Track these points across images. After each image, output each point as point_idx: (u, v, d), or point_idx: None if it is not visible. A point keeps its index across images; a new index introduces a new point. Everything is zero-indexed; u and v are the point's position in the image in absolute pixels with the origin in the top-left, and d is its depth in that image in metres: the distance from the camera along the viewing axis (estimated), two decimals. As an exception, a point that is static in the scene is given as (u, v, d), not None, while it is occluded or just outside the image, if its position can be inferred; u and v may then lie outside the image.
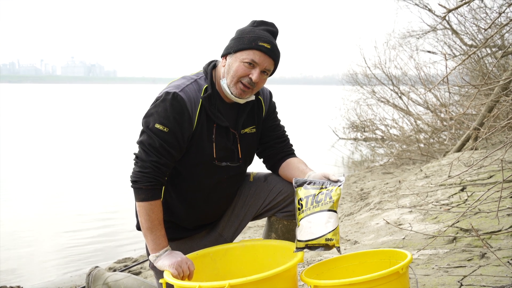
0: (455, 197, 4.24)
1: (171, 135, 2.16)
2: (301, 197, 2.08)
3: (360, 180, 8.77)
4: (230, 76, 2.20)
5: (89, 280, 2.71)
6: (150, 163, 2.14)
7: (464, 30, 8.38)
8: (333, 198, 2.03)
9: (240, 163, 2.35)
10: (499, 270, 2.49)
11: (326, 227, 1.99)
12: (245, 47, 2.17)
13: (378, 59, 11.80)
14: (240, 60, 2.17)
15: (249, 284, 1.81)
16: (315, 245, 2.01)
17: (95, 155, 13.70)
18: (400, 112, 11.32)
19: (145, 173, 2.14)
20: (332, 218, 2.01)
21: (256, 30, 2.21)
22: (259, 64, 2.18)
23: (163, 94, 2.20)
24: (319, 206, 2.03)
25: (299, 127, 19.09)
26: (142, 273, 4.52)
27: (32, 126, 21.91)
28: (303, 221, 2.05)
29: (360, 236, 3.92)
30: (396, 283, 1.87)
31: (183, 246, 2.40)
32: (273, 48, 2.20)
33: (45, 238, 6.43)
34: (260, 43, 2.16)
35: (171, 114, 2.16)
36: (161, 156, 2.15)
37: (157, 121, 2.16)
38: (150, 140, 2.16)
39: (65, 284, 4.71)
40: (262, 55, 2.17)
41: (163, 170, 2.17)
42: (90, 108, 37.40)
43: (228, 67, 2.21)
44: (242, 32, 2.22)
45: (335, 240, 1.99)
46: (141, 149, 2.18)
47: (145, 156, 2.16)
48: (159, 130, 2.15)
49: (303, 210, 2.06)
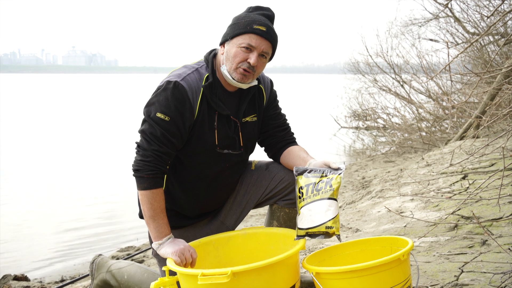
0: (456, 185, 4.25)
1: (172, 124, 2.17)
2: (302, 186, 2.09)
3: (362, 168, 8.78)
4: (229, 62, 2.21)
5: (93, 268, 2.74)
6: (152, 151, 2.15)
7: (466, 17, 8.34)
8: (334, 186, 2.03)
9: (241, 151, 2.35)
10: (499, 257, 2.51)
11: (326, 215, 2.00)
12: (240, 31, 2.18)
13: (380, 48, 11.78)
14: (237, 45, 2.18)
15: (252, 272, 1.82)
16: (316, 233, 2.02)
17: (97, 144, 13.71)
18: (402, 101, 11.31)
19: (147, 162, 2.15)
20: (332, 206, 2.02)
21: (251, 15, 2.22)
22: (256, 48, 2.18)
23: (164, 83, 2.20)
24: (319, 194, 2.04)
25: (301, 116, 19.08)
26: (145, 261, 4.56)
27: (33, 117, 21.92)
28: (303, 209, 2.06)
29: (362, 224, 3.94)
30: (397, 270, 1.88)
31: (186, 234, 2.41)
32: (268, 30, 2.20)
33: (48, 227, 6.46)
34: (255, 26, 2.17)
35: (172, 103, 2.16)
36: (162, 145, 2.16)
37: (158, 110, 2.16)
38: (151, 129, 2.16)
39: (69, 273, 4.75)
40: (258, 38, 2.18)
41: (164, 158, 2.17)
42: (91, 98, 37.37)
43: (227, 53, 2.22)
44: (238, 18, 2.23)
45: (335, 228, 2.00)
46: (142, 138, 2.19)
47: (146, 145, 2.16)
48: (160, 119, 2.16)
49: (303, 198, 2.07)
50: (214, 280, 1.79)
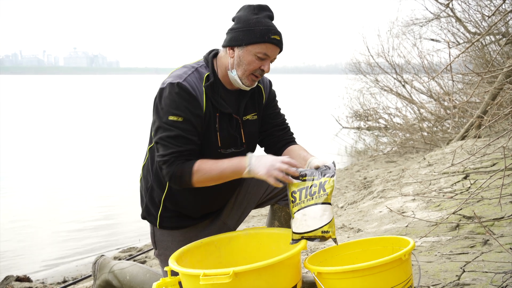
0: (458, 184, 4.25)
1: (187, 122, 2.17)
2: (295, 190, 2.08)
3: (364, 168, 8.78)
4: (242, 69, 2.22)
5: (95, 268, 2.74)
6: (170, 155, 2.15)
7: (467, 17, 8.33)
8: (327, 191, 2.03)
9: (244, 147, 2.37)
10: (501, 256, 2.51)
11: (322, 220, 2.00)
12: (257, 40, 2.18)
13: (381, 48, 11.78)
14: (254, 54, 2.20)
15: (253, 272, 1.83)
16: (311, 237, 2.02)
17: (99, 146, 13.73)
18: (403, 101, 11.31)
19: (170, 165, 2.14)
20: (327, 210, 2.02)
21: (262, 20, 2.21)
22: (270, 56, 2.23)
23: (167, 86, 2.20)
24: (313, 199, 2.03)
25: (303, 116, 19.08)
26: (147, 262, 4.56)
27: (35, 118, 21.95)
28: (297, 214, 2.05)
29: (364, 224, 3.94)
30: (399, 269, 1.89)
31: (188, 234, 2.42)
32: (281, 38, 2.24)
33: (50, 228, 6.48)
34: (272, 36, 2.20)
35: (180, 103, 2.16)
36: (182, 144, 2.15)
37: (169, 113, 2.16)
38: (167, 132, 2.15)
39: (71, 273, 4.76)
40: (274, 48, 2.22)
41: (185, 154, 2.17)
42: (92, 99, 37.42)
43: (239, 59, 2.22)
44: (248, 23, 2.20)
45: (331, 232, 2.01)
46: (160, 146, 2.18)
47: (164, 150, 2.16)
48: (174, 121, 2.15)
49: (296, 203, 2.06)
50: (216, 280, 1.79)
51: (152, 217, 2.40)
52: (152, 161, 2.35)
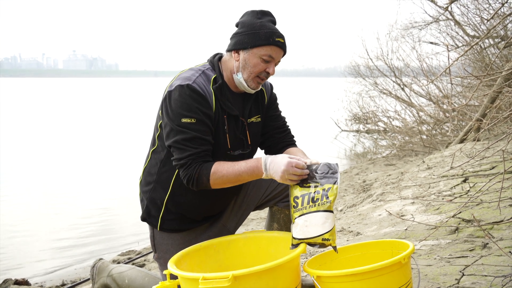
0: (457, 188, 4.25)
1: (201, 123, 2.18)
2: (297, 195, 2.08)
3: (363, 172, 8.78)
4: (248, 72, 2.24)
5: (94, 272, 2.74)
6: (187, 158, 2.15)
7: (466, 21, 8.34)
8: (330, 198, 2.03)
9: (250, 149, 2.38)
10: (500, 260, 2.51)
11: (323, 227, 2.00)
12: (262, 43, 2.21)
13: (380, 51, 11.79)
14: (259, 56, 2.22)
15: (253, 275, 1.82)
16: (311, 243, 2.02)
17: (98, 149, 13.72)
18: (402, 104, 11.31)
19: (189, 169, 2.15)
20: (329, 218, 2.02)
21: (266, 24, 2.24)
22: (275, 59, 2.26)
23: (177, 88, 2.19)
24: (315, 206, 2.03)
25: (302, 119, 19.09)
26: (145, 265, 4.55)
27: (34, 121, 21.94)
28: (298, 219, 2.05)
29: (363, 228, 3.94)
30: (398, 273, 1.88)
31: (187, 237, 2.42)
32: (285, 41, 2.27)
33: (49, 231, 6.47)
34: (276, 39, 2.23)
35: (191, 105, 2.17)
36: (198, 146, 2.16)
37: (182, 116, 2.16)
38: (182, 135, 2.16)
39: (70, 277, 4.75)
40: (278, 50, 2.25)
41: (202, 155, 2.18)
42: (92, 102, 37.42)
43: (244, 62, 2.24)
44: (253, 27, 2.23)
45: (331, 240, 2.01)
46: (175, 149, 2.18)
47: (180, 153, 2.16)
48: (187, 123, 2.16)
49: (298, 208, 2.06)
50: (215, 284, 1.79)
51: (153, 219, 2.40)
52: (156, 162, 2.35)
